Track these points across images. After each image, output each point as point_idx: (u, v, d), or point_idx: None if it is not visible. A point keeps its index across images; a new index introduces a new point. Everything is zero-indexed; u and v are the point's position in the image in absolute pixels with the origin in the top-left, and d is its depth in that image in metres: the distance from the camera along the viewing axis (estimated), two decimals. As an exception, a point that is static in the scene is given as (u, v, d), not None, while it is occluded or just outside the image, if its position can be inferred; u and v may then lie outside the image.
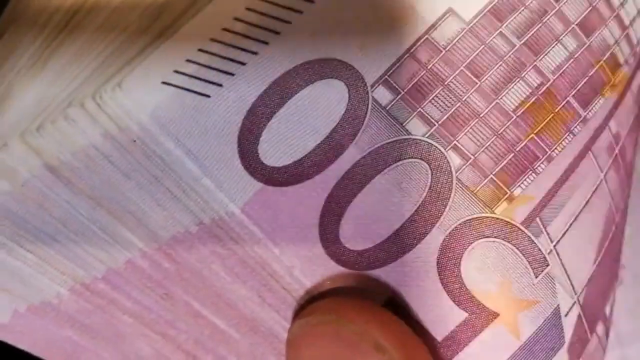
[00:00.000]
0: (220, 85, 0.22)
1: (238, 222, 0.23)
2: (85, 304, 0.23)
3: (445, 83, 0.22)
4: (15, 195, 0.22)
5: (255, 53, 0.22)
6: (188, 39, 0.21)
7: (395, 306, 0.23)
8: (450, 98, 0.22)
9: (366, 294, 0.23)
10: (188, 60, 0.21)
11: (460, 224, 0.23)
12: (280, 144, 0.22)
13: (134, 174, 0.22)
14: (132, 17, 0.22)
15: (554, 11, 0.23)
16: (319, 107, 0.22)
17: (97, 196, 0.22)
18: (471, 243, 0.23)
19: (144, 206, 0.22)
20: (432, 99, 0.22)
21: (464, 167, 0.22)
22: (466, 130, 0.22)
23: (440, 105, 0.22)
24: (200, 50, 0.21)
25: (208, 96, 0.21)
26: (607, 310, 0.25)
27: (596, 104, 0.24)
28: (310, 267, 0.23)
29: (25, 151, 0.22)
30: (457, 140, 0.22)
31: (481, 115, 0.22)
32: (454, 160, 0.23)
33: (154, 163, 0.22)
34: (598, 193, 0.24)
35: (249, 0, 0.22)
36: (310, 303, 0.23)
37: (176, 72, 0.21)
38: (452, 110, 0.22)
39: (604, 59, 0.24)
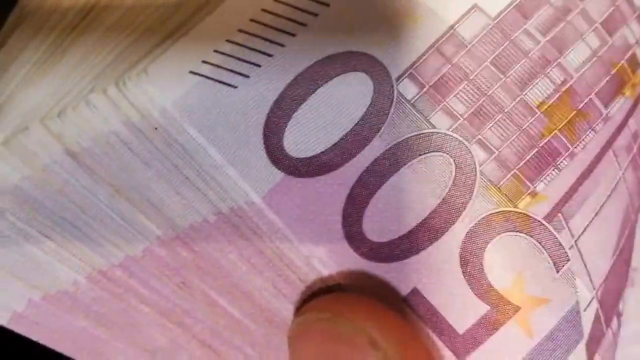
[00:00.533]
0: (248, 76, 0.21)
1: (257, 211, 0.22)
2: (102, 292, 0.23)
3: (470, 78, 0.22)
4: (35, 179, 0.22)
5: (282, 45, 0.21)
6: (216, 29, 0.21)
7: (417, 300, 0.23)
8: (475, 93, 0.22)
9: (383, 289, 0.23)
10: (216, 51, 0.21)
11: (483, 218, 0.23)
12: (305, 136, 0.22)
13: (153, 162, 0.22)
14: (157, 5, 0.22)
15: (578, 9, 0.23)
16: (344, 99, 0.22)
17: (117, 183, 0.22)
18: (494, 237, 0.23)
19: (162, 195, 0.22)
20: (457, 93, 0.22)
21: (488, 161, 0.22)
22: (490, 125, 0.22)
23: (465, 100, 0.22)
24: (227, 41, 0.21)
25: (235, 87, 0.21)
26: (621, 306, 0.25)
27: (617, 102, 0.24)
28: (332, 259, 0.23)
29: (45, 136, 0.21)
30: (481, 135, 0.22)
31: (505, 111, 0.22)
32: (478, 154, 0.22)
33: (174, 151, 0.22)
34: (617, 191, 0.24)
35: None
36: (311, 299, 0.23)
37: (204, 62, 0.21)
38: (477, 104, 0.22)
39: (625, 58, 0.24)
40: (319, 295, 0.23)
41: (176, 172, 0.22)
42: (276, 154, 0.22)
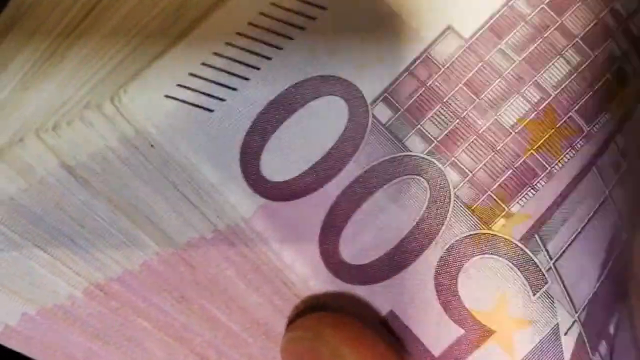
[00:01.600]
0: (224, 100, 0.20)
1: (251, 228, 0.21)
2: (99, 306, 0.22)
3: (444, 100, 0.21)
4: (31, 192, 0.21)
5: (257, 68, 0.21)
6: (190, 52, 0.20)
7: (394, 322, 0.22)
8: (449, 115, 0.21)
9: (364, 310, 0.22)
10: (191, 74, 0.20)
11: (457, 241, 0.22)
12: (282, 159, 0.21)
13: (150, 178, 0.21)
14: (150, 17, 0.21)
15: (555, 25, 0.22)
16: (319, 123, 0.21)
17: (115, 198, 0.21)
18: (468, 259, 0.22)
19: (160, 211, 0.21)
20: (431, 116, 0.21)
21: (462, 183, 0.22)
22: (464, 147, 0.22)
23: (439, 123, 0.21)
24: (203, 64, 0.20)
25: (211, 110, 0.20)
26: (612, 328, 0.24)
27: (601, 118, 0.23)
28: (313, 280, 0.22)
29: (41, 149, 0.20)
30: (455, 157, 0.22)
31: (479, 132, 0.22)
32: (452, 176, 0.22)
33: (171, 168, 0.21)
34: (603, 210, 0.23)
35: (250, 16, 0.20)
36: (299, 316, 0.23)
37: (179, 85, 0.20)
38: (451, 127, 0.21)
39: (611, 72, 0.23)
40: (308, 312, 0.23)
41: (173, 189, 0.21)
42: (254, 178, 0.21)
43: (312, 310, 0.22)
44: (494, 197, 0.22)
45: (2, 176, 0.21)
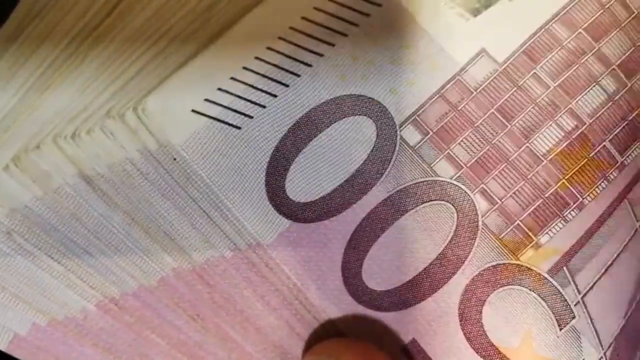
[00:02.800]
0: (251, 117, 0.20)
1: (273, 250, 0.21)
2: (112, 321, 0.21)
3: (475, 125, 0.20)
4: (47, 201, 0.20)
5: (286, 85, 0.20)
6: (218, 65, 0.19)
7: (416, 351, 0.21)
8: (480, 140, 0.21)
9: (385, 336, 0.21)
10: (220, 89, 0.19)
11: (483, 270, 0.21)
12: (307, 180, 0.20)
13: (171, 193, 0.20)
14: (176, 19, 0.20)
15: (592, 51, 0.21)
16: (346, 144, 0.20)
17: (133, 212, 0.20)
18: (494, 290, 0.21)
19: (179, 227, 0.20)
20: (461, 141, 0.20)
21: (490, 211, 0.21)
22: (494, 174, 0.21)
23: (468, 148, 0.20)
24: (232, 78, 0.19)
25: (239, 127, 0.20)
26: None
27: (635, 149, 0.21)
28: (333, 306, 0.21)
29: (59, 157, 0.19)
30: (484, 184, 0.21)
31: (510, 159, 0.21)
32: (481, 204, 0.21)
33: (192, 183, 0.20)
34: (633, 243, 0.22)
35: (282, 31, 0.20)
36: (319, 341, 0.22)
37: (207, 100, 0.19)
38: (481, 153, 0.21)
39: None
40: (327, 337, 0.22)
41: (193, 205, 0.20)
42: (278, 199, 0.20)
43: (331, 335, 0.22)
44: (523, 226, 0.21)
45: (17, 183, 0.20)
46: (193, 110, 0.19)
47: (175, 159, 0.19)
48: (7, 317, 0.21)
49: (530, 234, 0.21)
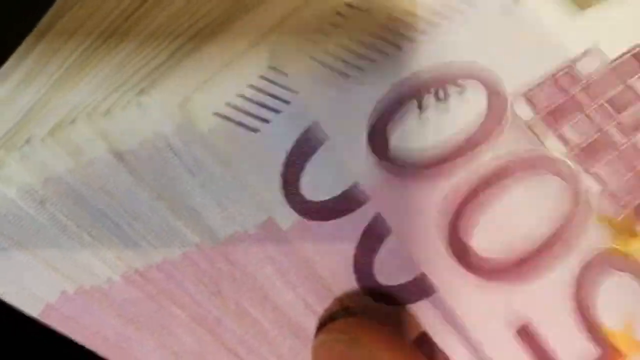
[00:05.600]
0: (268, 121, 0.20)
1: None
2: (136, 291, 0.21)
3: (586, 112, 0.21)
4: (78, 173, 0.20)
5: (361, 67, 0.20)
6: (238, 73, 0.20)
7: (428, 343, 0.21)
8: (590, 126, 0.21)
9: (397, 327, 0.22)
10: (239, 95, 0.20)
11: (594, 253, 0.21)
12: (322, 179, 0.21)
13: (198, 171, 0.20)
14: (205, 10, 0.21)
15: None
16: None
17: (159, 188, 0.20)
18: (602, 273, 0.21)
19: (205, 204, 0.21)
20: (573, 123, 0.21)
21: (602, 194, 0.21)
22: (605, 160, 0.21)
23: (579, 131, 0.21)
24: (249, 86, 0.20)
25: (256, 131, 0.20)
26: None
27: None
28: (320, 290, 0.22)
29: (91, 132, 0.20)
30: (595, 168, 0.21)
31: (620, 149, 0.21)
32: (592, 185, 0.21)
33: (220, 161, 0.20)
34: None
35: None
36: (332, 319, 0.22)
37: (228, 104, 0.20)
38: (592, 138, 0.21)
39: None
40: (341, 315, 0.22)
41: (219, 182, 0.21)
42: (293, 196, 0.21)
43: (345, 313, 0.22)
44: (634, 214, 0.21)
45: (52, 154, 0.20)
46: (215, 113, 0.20)
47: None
48: (39, 285, 0.21)
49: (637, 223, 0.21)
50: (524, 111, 0.21)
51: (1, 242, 0.21)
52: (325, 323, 0.22)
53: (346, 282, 0.21)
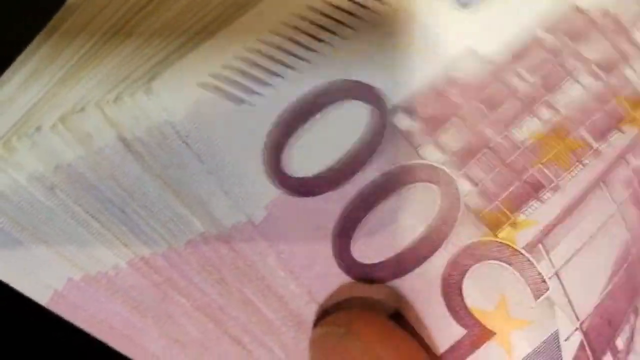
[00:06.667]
0: (258, 93, 0.21)
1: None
2: (142, 279, 0.22)
3: (460, 114, 0.22)
4: (88, 160, 0.20)
5: (292, 67, 0.21)
6: (226, 44, 0.20)
7: (402, 319, 0.22)
8: (464, 128, 0.22)
9: (375, 305, 0.22)
10: (224, 66, 0.20)
11: (465, 246, 0.22)
12: (302, 157, 0.21)
13: (207, 157, 0.21)
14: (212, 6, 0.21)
15: (569, 51, 0.22)
16: (341, 125, 0.21)
17: (165, 176, 0.21)
18: (474, 264, 0.22)
19: (211, 191, 0.21)
20: (447, 128, 0.22)
21: (472, 192, 0.22)
22: (476, 159, 0.22)
23: (454, 135, 0.22)
24: (236, 57, 0.20)
25: (242, 101, 0.21)
26: (620, 342, 0.23)
27: (612, 137, 0.23)
28: (321, 279, 0.22)
29: (100, 120, 0.20)
30: (467, 168, 0.22)
31: (491, 146, 0.22)
32: (463, 185, 0.22)
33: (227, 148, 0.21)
34: (610, 224, 0.23)
35: (287, 17, 0.21)
36: (327, 313, 0.22)
37: (211, 75, 0.20)
38: (465, 140, 0.22)
39: (625, 94, 0.23)
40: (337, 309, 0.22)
41: (228, 168, 0.21)
42: (275, 172, 0.21)
43: (340, 306, 0.22)
44: (502, 206, 0.22)
45: (62, 142, 0.20)
46: (199, 84, 0.20)
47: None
48: (47, 272, 0.22)
49: (508, 213, 0.22)
50: (403, 121, 0.22)
51: (12, 228, 0.21)
52: (322, 316, 0.22)
53: (323, 269, 0.22)
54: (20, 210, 0.21)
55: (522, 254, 0.22)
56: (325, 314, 0.22)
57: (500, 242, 0.22)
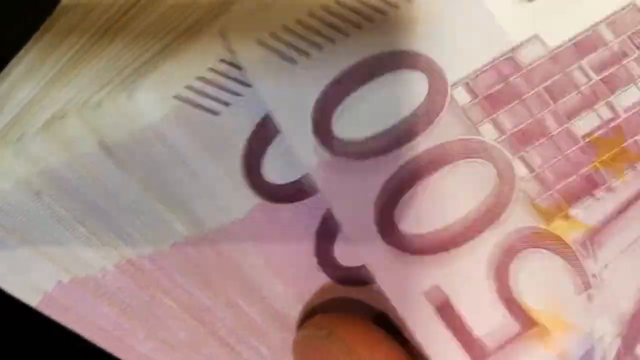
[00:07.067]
0: (229, 104, 0.21)
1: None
2: (129, 281, 0.22)
3: (522, 98, 0.21)
4: (72, 165, 0.21)
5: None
6: (209, 48, 0.20)
7: (386, 322, 0.22)
8: (525, 113, 0.21)
9: (358, 306, 0.22)
10: (198, 78, 0.20)
11: (514, 231, 0.21)
12: (282, 164, 0.21)
13: (190, 161, 0.21)
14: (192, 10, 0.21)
15: (634, 55, 0.22)
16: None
17: (147, 180, 0.21)
18: (522, 250, 0.21)
19: (195, 193, 0.21)
20: (507, 110, 0.21)
21: (528, 177, 0.21)
22: (535, 146, 0.22)
23: (514, 118, 0.21)
24: (210, 69, 0.20)
25: (217, 114, 0.21)
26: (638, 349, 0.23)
27: None
28: (305, 280, 0.22)
29: (81, 126, 0.20)
30: (525, 152, 0.21)
31: (551, 135, 0.22)
32: (520, 170, 0.21)
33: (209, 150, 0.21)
34: None
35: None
36: (311, 314, 0.22)
37: (187, 87, 0.20)
38: (525, 124, 0.21)
39: None
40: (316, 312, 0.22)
41: (211, 168, 0.21)
42: (254, 180, 0.21)
43: (322, 308, 0.22)
44: (557, 197, 0.22)
45: (46, 148, 0.21)
46: (174, 96, 0.20)
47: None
48: (37, 275, 0.22)
49: (562, 205, 0.22)
50: (463, 97, 0.21)
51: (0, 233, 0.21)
52: (305, 318, 0.22)
53: (308, 266, 0.22)
54: (7, 215, 0.21)
55: (569, 248, 0.22)
56: (308, 316, 0.22)
57: (551, 233, 0.22)
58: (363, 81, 0.21)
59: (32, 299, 0.22)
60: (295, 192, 0.21)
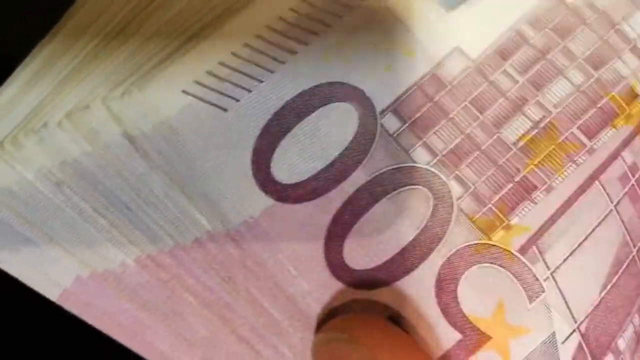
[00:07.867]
0: (238, 100, 0.20)
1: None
2: (149, 276, 0.21)
3: (450, 116, 0.21)
4: (94, 157, 0.20)
5: (271, 72, 0.21)
6: (209, 51, 0.20)
7: (401, 320, 0.22)
8: (454, 131, 0.21)
9: (375, 307, 0.22)
10: (208, 73, 0.20)
11: (458, 250, 0.22)
12: (291, 163, 0.21)
13: (210, 156, 0.21)
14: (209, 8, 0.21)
15: (558, 47, 0.22)
16: (329, 129, 0.21)
17: (172, 173, 0.21)
18: (468, 268, 0.22)
19: (218, 189, 0.21)
20: (437, 130, 0.21)
21: (464, 195, 0.21)
22: (468, 162, 0.21)
23: (444, 137, 0.21)
24: (220, 63, 0.20)
25: (225, 110, 0.21)
26: (622, 343, 0.23)
27: (605, 134, 0.22)
28: (316, 286, 0.22)
29: (106, 116, 0.20)
30: (458, 171, 0.21)
31: (482, 148, 0.22)
32: (455, 189, 0.21)
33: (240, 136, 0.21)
34: (607, 223, 0.22)
35: (269, 19, 0.20)
36: (332, 317, 0.22)
37: (196, 82, 0.20)
38: (455, 142, 0.21)
39: (616, 90, 0.22)
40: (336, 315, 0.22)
41: (235, 161, 0.21)
42: (264, 179, 0.21)
43: (343, 310, 0.22)
44: (495, 209, 0.22)
45: (69, 138, 0.20)
46: (183, 91, 0.20)
47: (225, 110, 0.21)
48: (56, 269, 0.22)
49: (501, 215, 0.22)
50: (392, 124, 0.21)
51: (19, 225, 0.21)
52: (323, 321, 0.22)
53: (317, 266, 0.22)
54: (28, 206, 0.21)
55: (516, 256, 0.22)
56: (326, 318, 0.21)
57: (494, 245, 0.22)
58: (294, 122, 0.21)
59: (52, 293, 0.22)
60: (303, 192, 0.21)
